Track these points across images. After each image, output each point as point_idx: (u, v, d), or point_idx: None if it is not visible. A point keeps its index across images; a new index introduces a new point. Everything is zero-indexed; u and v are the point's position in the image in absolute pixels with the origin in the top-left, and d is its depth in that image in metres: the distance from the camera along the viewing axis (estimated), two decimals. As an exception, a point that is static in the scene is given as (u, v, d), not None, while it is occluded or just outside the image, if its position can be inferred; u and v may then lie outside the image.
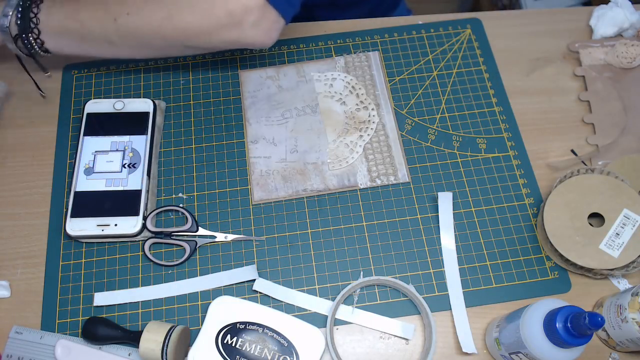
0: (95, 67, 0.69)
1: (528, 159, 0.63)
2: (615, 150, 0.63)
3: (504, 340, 0.49)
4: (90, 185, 0.59)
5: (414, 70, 0.69)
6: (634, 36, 0.69)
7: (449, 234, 0.59)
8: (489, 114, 0.66)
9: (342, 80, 0.68)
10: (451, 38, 0.71)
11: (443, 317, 0.56)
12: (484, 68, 0.69)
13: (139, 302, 0.56)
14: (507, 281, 0.57)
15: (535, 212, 0.60)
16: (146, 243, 0.58)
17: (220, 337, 0.52)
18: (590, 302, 0.56)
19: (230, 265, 0.58)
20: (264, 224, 0.60)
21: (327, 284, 0.57)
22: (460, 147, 0.64)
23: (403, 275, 0.57)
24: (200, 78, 0.68)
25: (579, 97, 0.67)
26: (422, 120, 0.66)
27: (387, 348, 0.54)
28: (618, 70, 0.67)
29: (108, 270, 0.58)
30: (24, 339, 0.54)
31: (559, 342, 0.43)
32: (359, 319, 0.55)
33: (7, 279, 0.58)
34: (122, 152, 0.61)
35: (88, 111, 0.64)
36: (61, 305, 0.56)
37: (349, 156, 0.63)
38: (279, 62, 0.69)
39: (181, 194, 0.62)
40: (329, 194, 0.61)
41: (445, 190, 0.61)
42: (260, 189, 0.62)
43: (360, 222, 0.60)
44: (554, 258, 0.57)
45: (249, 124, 0.65)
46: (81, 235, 0.57)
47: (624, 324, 0.49)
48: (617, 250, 0.54)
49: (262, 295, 0.56)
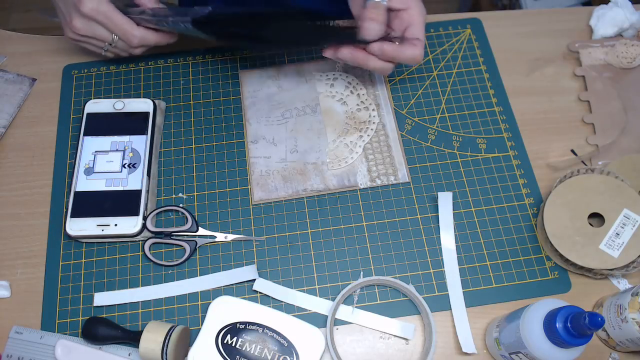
0: (95, 67, 0.69)
1: (528, 159, 0.63)
2: (615, 150, 0.63)
3: (504, 340, 0.49)
4: (90, 185, 0.59)
5: (414, 70, 0.69)
6: (634, 36, 0.69)
7: (449, 234, 0.59)
8: (489, 114, 0.66)
9: (343, 80, 0.68)
10: (451, 38, 0.71)
11: (443, 317, 0.56)
12: (484, 68, 0.69)
13: (139, 302, 0.56)
14: (507, 281, 0.57)
15: (535, 212, 0.60)
16: (146, 243, 0.58)
17: (220, 337, 0.52)
18: (590, 302, 0.56)
19: (230, 265, 0.58)
20: (264, 224, 0.60)
21: (327, 284, 0.57)
22: (460, 147, 0.64)
23: (403, 275, 0.57)
24: (200, 78, 0.68)
25: (579, 97, 0.67)
26: (422, 120, 0.66)
27: (387, 348, 0.54)
28: (618, 70, 0.67)
29: (108, 270, 0.58)
30: (24, 339, 0.54)
31: (559, 342, 0.43)
32: (359, 319, 0.55)
33: (7, 279, 0.58)
34: (122, 152, 0.61)
35: (88, 111, 0.64)
36: (61, 305, 0.56)
37: (349, 156, 0.63)
38: (279, 62, 0.69)
39: (181, 194, 0.62)
40: (329, 194, 0.61)
41: (445, 190, 0.61)
42: (260, 189, 0.62)
43: (360, 222, 0.60)
44: (554, 258, 0.57)
45: (249, 124, 0.65)
46: (81, 235, 0.57)
47: (624, 324, 0.49)
48: (617, 250, 0.54)
49: (262, 295, 0.56)
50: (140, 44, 0.61)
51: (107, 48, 0.61)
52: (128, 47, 0.61)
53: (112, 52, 0.63)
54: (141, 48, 0.62)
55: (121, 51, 0.63)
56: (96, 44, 0.61)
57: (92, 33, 0.59)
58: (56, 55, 0.70)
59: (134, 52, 0.62)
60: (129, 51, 0.63)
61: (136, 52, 0.63)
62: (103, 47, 0.61)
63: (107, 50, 0.62)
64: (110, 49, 0.62)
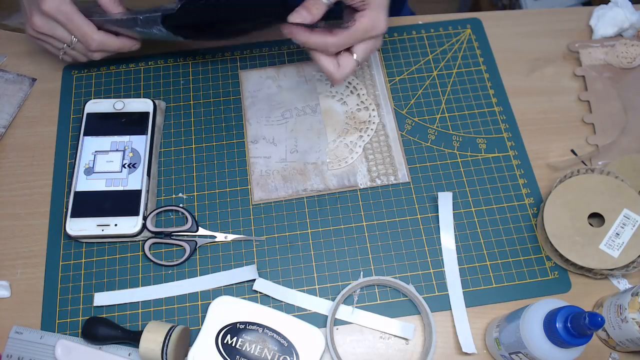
0: (95, 67, 0.69)
1: (528, 159, 0.63)
2: (615, 150, 0.63)
3: (504, 340, 0.49)
4: (90, 185, 0.59)
5: (414, 70, 0.69)
6: (634, 36, 0.69)
7: (449, 234, 0.59)
8: (489, 114, 0.66)
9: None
10: (451, 38, 0.71)
11: (443, 317, 0.56)
12: (484, 68, 0.69)
13: (139, 302, 0.56)
14: (507, 281, 0.57)
15: (535, 212, 0.60)
16: (146, 243, 0.58)
17: (220, 337, 0.52)
18: (590, 302, 0.56)
19: (230, 265, 0.58)
20: (264, 224, 0.60)
21: (327, 284, 0.57)
22: (460, 147, 0.64)
23: (403, 275, 0.57)
24: (200, 78, 0.68)
25: (579, 97, 0.67)
26: (422, 120, 0.66)
27: (387, 348, 0.54)
28: (618, 70, 0.67)
29: (108, 270, 0.58)
30: (24, 339, 0.54)
31: (559, 342, 0.43)
32: (359, 319, 0.55)
33: (7, 279, 0.58)
34: (122, 152, 0.61)
35: (88, 111, 0.64)
36: (61, 305, 0.56)
37: (349, 156, 0.63)
38: (279, 62, 0.69)
39: (181, 194, 0.62)
40: (329, 194, 0.61)
41: (445, 190, 0.61)
42: (260, 189, 0.62)
43: (360, 222, 0.60)
44: (554, 258, 0.57)
45: (249, 124, 0.65)
46: (81, 235, 0.57)
47: (624, 324, 0.49)
48: (617, 250, 0.54)
49: (262, 295, 0.56)
50: (100, 48, 0.59)
51: (65, 50, 0.60)
52: (86, 51, 0.60)
53: (70, 55, 0.62)
54: (100, 53, 0.61)
55: (79, 55, 0.61)
56: (54, 44, 0.60)
57: (51, 32, 0.58)
58: (56, 55, 0.70)
59: (93, 56, 0.61)
60: (87, 55, 0.61)
61: (95, 57, 0.61)
62: (61, 48, 0.60)
63: (65, 52, 0.61)
64: (68, 52, 0.60)
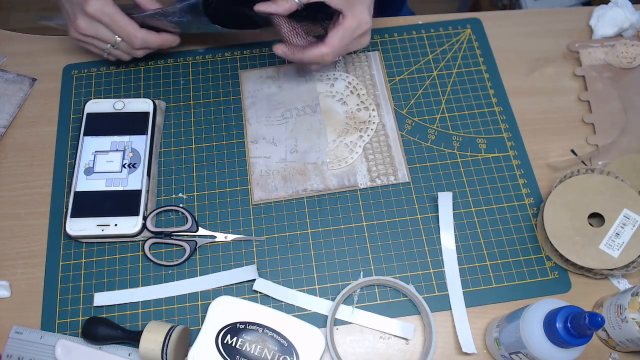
0: (95, 67, 0.69)
1: (528, 159, 0.63)
2: (615, 150, 0.63)
3: (504, 340, 0.49)
4: (90, 185, 0.59)
5: (414, 70, 0.69)
6: (634, 36, 0.69)
7: (449, 234, 0.59)
8: (489, 114, 0.66)
9: (343, 80, 0.68)
10: (451, 38, 0.71)
11: (443, 317, 0.56)
12: (484, 68, 0.69)
13: (139, 302, 0.56)
14: (507, 281, 0.57)
15: (535, 212, 0.60)
16: (146, 243, 0.58)
17: (220, 337, 0.52)
18: (590, 302, 0.56)
19: (230, 265, 0.58)
20: (264, 224, 0.60)
21: (327, 284, 0.57)
22: (460, 147, 0.64)
23: (403, 275, 0.57)
24: (200, 78, 0.68)
25: (579, 97, 0.67)
26: (422, 120, 0.66)
27: (387, 348, 0.54)
28: (618, 70, 0.67)
29: (108, 270, 0.58)
30: (24, 339, 0.54)
31: (559, 342, 0.43)
32: (359, 319, 0.55)
33: (7, 279, 0.58)
34: (122, 152, 0.61)
35: (88, 111, 0.64)
36: (61, 305, 0.56)
37: (349, 156, 0.63)
38: (279, 62, 0.69)
39: (181, 194, 0.62)
40: (329, 194, 0.61)
41: (445, 190, 0.61)
42: (260, 189, 0.62)
43: (360, 222, 0.60)
44: (554, 258, 0.57)
45: (249, 124, 0.65)
46: (81, 235, 0.57)
47: (624, 324, 0.49)
48: (617, 250, 0.54)
49: (262, 295, 0.56)
50: (143, 45, 0.61)
51: (109, 50, 0.62)
52: (130, 49, 0.62)
53: (113, 55, 0.63)
54: (143, 50, 0.63)
55: (123, 53, 0.63)
56: (99, 45, 0.61)
57: (95, 33, 0.59)
58: (56, 55, 0.70)
59: (136, 53, 0.63)
60: (131, 53, 0.63)
61: (138, 54, 0.63)
62: (105, 49, 0.62)
63: (109, 53, 0.62)
64: (112, 51, 0.62)
